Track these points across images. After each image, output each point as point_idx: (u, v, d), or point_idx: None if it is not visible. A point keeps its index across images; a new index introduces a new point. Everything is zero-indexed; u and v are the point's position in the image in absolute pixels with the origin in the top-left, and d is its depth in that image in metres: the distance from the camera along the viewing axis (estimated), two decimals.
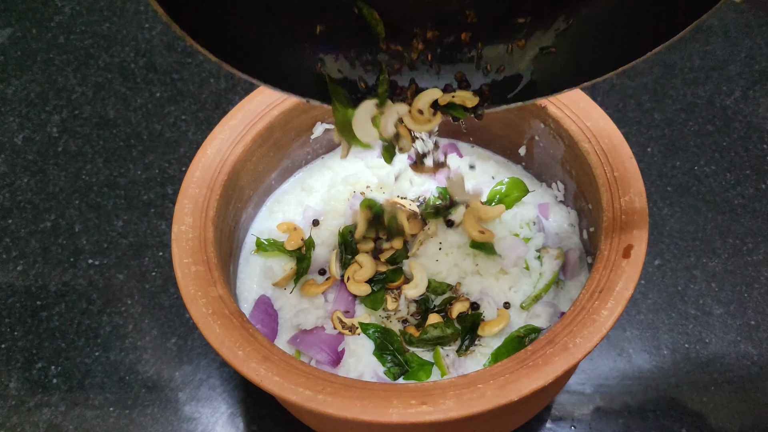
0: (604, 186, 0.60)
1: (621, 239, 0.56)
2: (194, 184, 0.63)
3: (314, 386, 0.50)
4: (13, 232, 0.86)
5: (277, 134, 0.69)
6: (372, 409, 0.48)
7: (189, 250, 0.58)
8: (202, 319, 0.54)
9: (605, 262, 0.56)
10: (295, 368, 0.51)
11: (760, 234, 0.83)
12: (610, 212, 0.59)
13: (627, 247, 0.56)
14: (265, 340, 0.53)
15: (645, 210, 0.58)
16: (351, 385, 0.50)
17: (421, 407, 0.48)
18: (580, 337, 0.51)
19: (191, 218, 0.60)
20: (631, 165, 0.61)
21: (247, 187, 0.68)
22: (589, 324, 0.52)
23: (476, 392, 0.49)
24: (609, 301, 0.53)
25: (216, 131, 0.66)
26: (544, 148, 0.70)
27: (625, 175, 0.60)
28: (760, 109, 0.95)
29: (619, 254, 0.56)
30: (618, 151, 0.62)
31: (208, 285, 0.56)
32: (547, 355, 0.50)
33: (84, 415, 0.72)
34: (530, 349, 0.51)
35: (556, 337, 0.51)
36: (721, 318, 0.77)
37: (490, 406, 0.48)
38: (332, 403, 0.48)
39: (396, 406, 0.48)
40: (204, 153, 0.65)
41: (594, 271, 0.56)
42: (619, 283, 0.54)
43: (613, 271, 0.55)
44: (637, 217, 0.57)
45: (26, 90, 1.02)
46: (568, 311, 0.54)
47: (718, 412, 0.70)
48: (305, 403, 0.49)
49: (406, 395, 0.49)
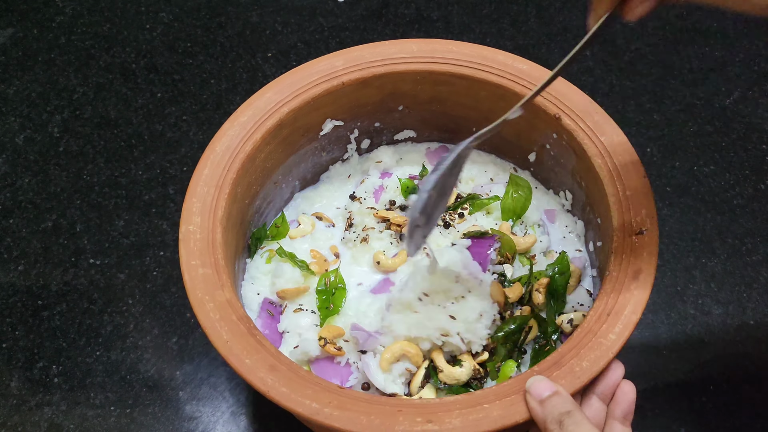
0: (615, 204, 0.59)
1: (631, 262, 0.55)
2: (203, 182, 0.61)
3: (321, 399, 0.49)
4: (15, 232, 0.87)
5: (286, 131, 0.68)
6: (378, 424, 0.48)
7: (197, 251, 0.57)
8: (210, 325, 0.53)
9: (614, 284, 0.55)
10: (302, 379, 0.51)
11: (759, 234, 0.83)
12: (621, 233, 0.57)
13: (637, 270, 0.55)
14: (272, 347, 0.53)
15: (656, 233, 0.56)
16: (358, 399, 0.49)
17: (427, 425, 0.48)
18: (587, 361, 0.51)
19: (199, 218, 0.59)
20: (644, 185, 0.59)
21: (254, 184, 0.67)
22: (596, 347, 0.51)
23: (482, 412, 0.48)
24: (617, 325, 0.52)
25: (225, 127, 0.65)
26: (555, 157, 0.69)
27: (638, 194, 0.58)
28: (759, 110, 0.95)
29: (628, 277, 0.55)
30: (631, 170, 0.60)
31: (216, 288, 0.55)
32: (554, 377, 0.50)
33: (85, 415, 0.72)
34: (537, 370, 0.51)
35: (562, 359, 0.51)
36: (720, 318, 0.77)
37: (496, 427, 0.48)
38: (339, 418, 0.48)
39: (402, 423, 0.48)
40: (213, 150, 0.63)
41: (602, 292, 0.55)
42: (627, 307, 0.53)
43: (622, 294, 0.54)
44: (647, 240, 0.56)
45: (27, 90, 1.02)
46: (576, 333, 0.53)
47: (718, 412, 0.71)
48: (312, 416, 0.48)
49: (413, 412, 0.48)
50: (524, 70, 0.67)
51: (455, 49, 0.69)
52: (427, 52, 0.69)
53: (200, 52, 1.06)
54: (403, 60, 0.69)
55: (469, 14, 1.10)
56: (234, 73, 1.03)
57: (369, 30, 1.08)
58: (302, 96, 0.67)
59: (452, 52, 0.69)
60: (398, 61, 0.69)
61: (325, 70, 0.68)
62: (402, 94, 0.72)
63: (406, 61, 0.69)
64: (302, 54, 1.05)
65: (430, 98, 0.72)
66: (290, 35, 1.08)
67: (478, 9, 1.11)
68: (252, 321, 0.55)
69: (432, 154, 0.77)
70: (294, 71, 0.68)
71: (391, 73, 0.69)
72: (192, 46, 1.07)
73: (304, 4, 1.12)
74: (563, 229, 0.70)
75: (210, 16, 1.11)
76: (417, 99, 0.72)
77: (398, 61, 0.69)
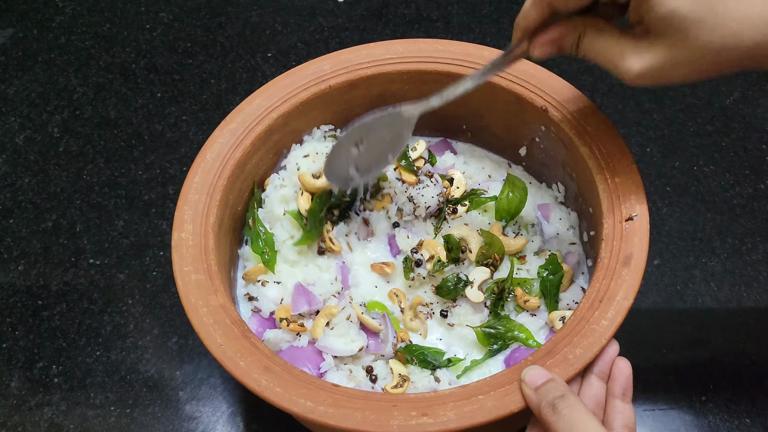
0: (604, 192, 0.59)
1: (622, 247, 0.55)
2: (194, 189, 0.62)
3: (315, 397, 0.50)
4: (15, 232, 0.87)
5: (276, 136, 0.69)
6: (373, 420, 0.48)
7: (189, 258, 0.58)
8: (204, 329, 0.54)
9: (605, 271, 0.55)
10: (297, 378, 0.51)
11: (759, 234, 0.83)
12: (610, 219, 0.57)
13: (628, 256, 0.55)
14: (266, 349, 0.53)
15: (646, 218, 0.57)
16: (353, 396, 0.50)
17: (422, 419, 0.48)
18: (581, 348, 0.51)
19: (191, 225, 0.60)
20: (632, 171, 0.59)
21: (246, 190, 0.68)
22: (588, 334, 0.51)
23: (476, 403, 0.49)
24: (609, 311, 0.52)
25: (215, 135, 0.66)
26: (545, 150, 0.69)
27: (626, 181, 0.59)
28: (759, 110, 0.95)
29: (619, 262, 0.55)
30: (618, 157, 0.60)
31: (209, 294, 0.56)
32: (547, 366, 0.50)
33: (85, 415, 0.72)
34: (530, 359, 0.51)
35: (555, 347, 0.51)
36: (720, 317, 0.77)
37: (491, 418, 0.48)
38: (333, 415, 0.49)
39: (397, 417, 0.48)
40: (203, 157, 0.64)
41: (594, 279, 0.55)
42: (619, 293, 0.53)
43: (613, 280, 0.54)
44: (638, 225, 0.56)
45: (27, 90, 1.02)
46: (568, 321, 0.53)
47: (718, 411, 0.71)
48: (307, 415, 0.49)
49: (407, 406, 0.49)
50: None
51: (441, 48, 0.70)
52: (414, 52, 0.70)
53: (200, 52, 1.06)
54: (390, 61, 0.70)
55: (469, 14, 1.10)
56: (234, 73, 1.03)
57: (369, 30, 1.08)
58: (291, 101, 0.68)
59: (438, 51, 0.70)
60: (385, 62, 0.70)
61: (314, 74, 0.69)
62: (391, 95, 0.72)
63: (393, 62, 0.70)
64: (302, 54, 1.05)
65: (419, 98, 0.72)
66: (290, 35, 1.08)
67: (478, 9, 1.11)
68: (246, 324, 0.56)
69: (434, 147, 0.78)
70: (283, 76, 0.69)
71: (378, 74, 0.70)
72: (192, 46, 1.07)
73: (304, 4, 1.12)
74: (557, 223, 0.70)
75: (210, 16, 1.11)
76: (406, 99, 0.72)
77: (385, 62, 0.70)
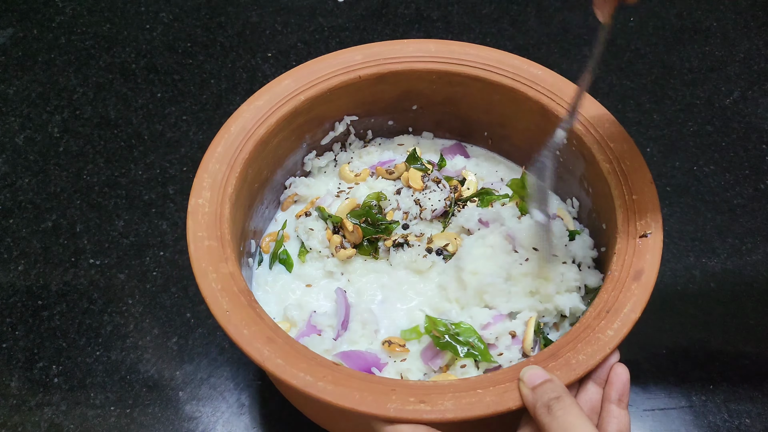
0: (621, 207, 0.60)
1: (633, 262, 0.56)
2: (215, 159, 0.62)
3: (316, 373, 0.50)
4: (15, 232, 0.87)
5: (300, 120, 0.69)
6: (371, 401, 0.48)
7: (204, 224, 0.58)
8: (211, 295, 0.54)
9: (615, 283, 0.55)
10: (298, 353, 0.51)
11: (759, 234, 0.83)
12: (624, 234, 0.58)
13: (638, 271, 0.55)
14: (271, 321, 0.54)
15: (660, 236, 0.57)
16: (353, 376, 0.50)
17: (419, 405, 0.48)
18: (584, 354, 0.51)
19: (209, 192, 0.60)
20: (650, 190, 0.60)
21: (265, 168, 0.68)
22: (593, 342, 0.52)
23: (475, 397, 0.49)
24: (616, 321, 0.53)
25: (242, 109, 0.66)
26: (564, 164, 0.69)
27: (644, 199, 0.59)
28: (759, 110, 0.95)
29: (630, 277, 0.55)
30: (638, 175, 0.61)
31: (220, 261, 0.56)
32: (549, 368, 0.50)
33: (85, 415, 0.72)
34: (533, 360, 0.51)
35: (559, 351, 0.52)
36: (720, 317, 0.77)
37: (488, 412, 0.48)
38: (332, 392, 0.49)
39: (395, 401, 0.48)
40: (227, 130, 0.64)
41: (603, 290, 0.55)
42: (627, 305, 0.53)
43: (622, 292, 0.54)
44: (651, 243, 0.57)
45: (27, 90, 1.02)
46: (574, 327, 0.53)
47: (717, 411, 0.71)
48: (304, 389, 0.49)
49: (406, 392, 0.49)
50: (539, 76, 0.68)
51: (472, 52, 0.70)
52: (445, 53, 0.70)
53: (200, 52, 1.06)
54: (420, 59, 0.70)
55: (469, 14, 1.10)
56: (234, 73, 1.03)
57: (369, 30, 1.08)
58: (319, 86, 0.68)
59: (469, 55, 0.70)
60: (416, 60, 0.70)
61: (344, 62, 0.69)
62: (417, 93, 0.73)
63: (423, 60, 0.70)
64: (302, 54, 1.05)
65: (444, 99, 0.73)
66: (290, 35, 1.08)
67: (478, 9, 1.11)
68: (253, 295, 0.56)
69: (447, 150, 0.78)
70: (314, 61, 0.69)
71: (407, 70, 0.70)
72: (192, 46, 1.07)
73: (304, 4, 1.12)
74: None
75: (210, 16, 1.11)
76: (431, 99, 0.73)
77: (416, 60, 0.70)
